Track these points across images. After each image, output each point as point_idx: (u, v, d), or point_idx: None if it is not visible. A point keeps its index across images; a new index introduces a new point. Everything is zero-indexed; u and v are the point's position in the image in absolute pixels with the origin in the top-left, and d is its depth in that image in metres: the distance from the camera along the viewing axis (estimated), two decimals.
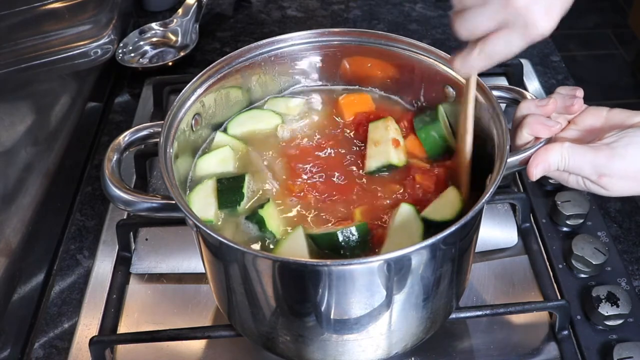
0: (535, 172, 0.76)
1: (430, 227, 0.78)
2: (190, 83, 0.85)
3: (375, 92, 0.98)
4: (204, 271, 0.85)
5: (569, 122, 0.83)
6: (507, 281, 0.98)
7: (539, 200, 1.07)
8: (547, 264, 0.99)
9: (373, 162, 0.87)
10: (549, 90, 1.32)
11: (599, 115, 0.81)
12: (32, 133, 1.01)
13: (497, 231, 1.02)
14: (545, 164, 0.76)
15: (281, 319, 0.78)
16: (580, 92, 0.80)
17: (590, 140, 0.78)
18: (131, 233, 1.01)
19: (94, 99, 1.30)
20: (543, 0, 0.68)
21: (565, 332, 0.91)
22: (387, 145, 0.87)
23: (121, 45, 1.42)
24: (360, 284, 0.72)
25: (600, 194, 0.77)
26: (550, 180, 1.09)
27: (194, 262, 0.98)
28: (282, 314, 0.77)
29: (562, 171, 0.77)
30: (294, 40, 0.93)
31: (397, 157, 0.87)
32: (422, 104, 0.95)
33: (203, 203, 0.83)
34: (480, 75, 0.87)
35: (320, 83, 0.99)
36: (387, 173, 0.87)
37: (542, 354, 0.89)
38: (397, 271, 0.71)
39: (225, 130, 0.93)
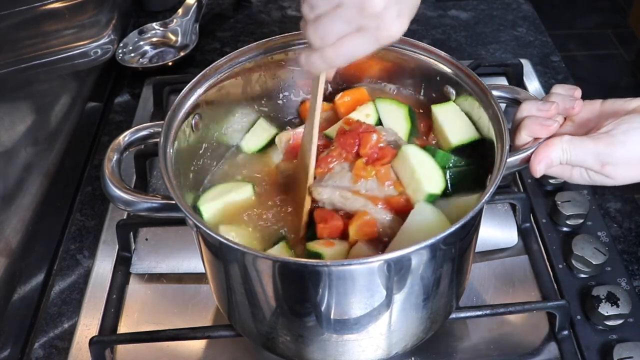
0: (538, 169, 0.76)
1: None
2: (190, 83, 0.85)
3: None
4: (204, 271, 0.85)
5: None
6: (507, 281, 0.98)
7: (539, 200, 1.07)
8: (547, 264, 0.99)
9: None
10: (548, 90, 1.31)
11: (593, 108, 0.81)
12: (32, 133, 1.01)
13: (497, 231, 1.02)
14: (547, 159, 0.76)
15: (281, 319, 0.78)
16: (578, 93, 0.80)
17: (587, 133, 0.78)
18: (131, 233, 1.01)
19: (94, 99, 1.30)
20: (395, 5, 0.66)
21: (565, 332, 0.91)
22: None
23: (121, 45, 1.42)
24: (360, 284, 0.72)
25: (606, 184, 0.77)
26: (551, 180, 1.09)
27: (194, 262, 0.98)
28: (282, 314, 0.77)
29: (565, 165, 0.77)
30: (294, 40, 0.93)
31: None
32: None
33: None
34: (480, 75, 0.87)
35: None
36: None
37: (542, 353, 0.89)
38: (397, 271, 0.71)
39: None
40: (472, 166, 0.86)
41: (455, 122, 0.90)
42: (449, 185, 0.84)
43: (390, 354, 0.82)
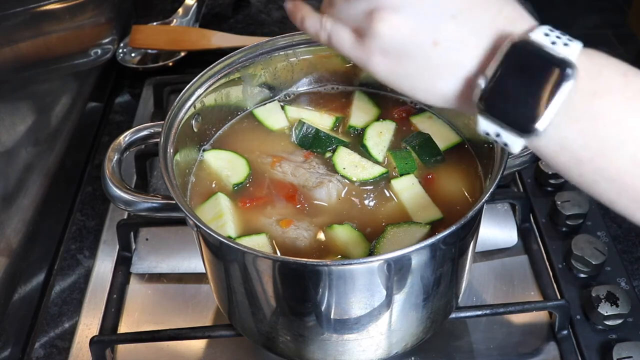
0: None
1: None
2: (191, 83, 0.85)
3: (376, 92, 0.98)
4: (204, 271, 0.85)
5: None
6: (507, 281, 0.98)
7: (538, 200, 1.07)
8: (547, 263, 0.99)
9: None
10: None
11: None
12: (32, 133, 1.01)
13: (497, 231, 1.02)
14: None
15: (281, 318, 0.78)
16: None
17: None
18: (132, 233, 1.01)
19: (95, 99, 1.30)
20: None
21: (565, 332, 0.91)
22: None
23: (122, 45, 1.43)
24: (360, 284, 0.72)
25: None
26: (551, 181, 1.09)
27: (194, 262, 0.98)
28: (282, 314, 0.77)
29: None
30: (294, 40, 0.93)
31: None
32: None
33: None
34: None
35: (320, 84, 0.99)
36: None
37: (542, 353, 0.90)
38: (397, 271, 0.71)
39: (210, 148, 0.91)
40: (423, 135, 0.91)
41: (436, 129, 0.92)
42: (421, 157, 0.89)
43: (390, 354, 0.82)
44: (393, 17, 0.57)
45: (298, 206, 0.84)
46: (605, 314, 0.90)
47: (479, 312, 0.90)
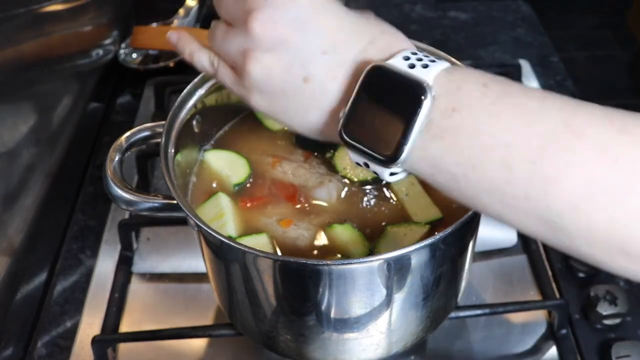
0: None
1: None
2: (192, 84, 0.85)
3: None
4: (205, 271, 0.85)
5: None
6: (507, 280, 0.98)
7: None
8: (546, 263, 0.99)
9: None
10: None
11: None
12: (34, 133, 1.02)
13: (496, 231, 1.02)
14: None
15: (282, 318, 0.78)
16: None
17: None
18: (133, 233, 1.02)
19: (96, 100, 1.30)
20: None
21: (564, 331, 0.91)
22: None
23: (123, 46, 1.43)
24: (360, 283, 0.72)
25: None
26: None
27: (195, 262, 0.98)
28: (282, 313, 0.78)
29: None
30: None
31: None
32: None
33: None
34: None
35: None
36: None
37: (541, 352, 0.90)
38: (396, 270, 0.72)
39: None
40: None
41: None
42: None
43: (390, 353, 0.83)
44: (265, 57, 0.58)
45: (298, 206, 0.84)
46: (604, 313, 0.90)
47: (479, 312, 0.91)
